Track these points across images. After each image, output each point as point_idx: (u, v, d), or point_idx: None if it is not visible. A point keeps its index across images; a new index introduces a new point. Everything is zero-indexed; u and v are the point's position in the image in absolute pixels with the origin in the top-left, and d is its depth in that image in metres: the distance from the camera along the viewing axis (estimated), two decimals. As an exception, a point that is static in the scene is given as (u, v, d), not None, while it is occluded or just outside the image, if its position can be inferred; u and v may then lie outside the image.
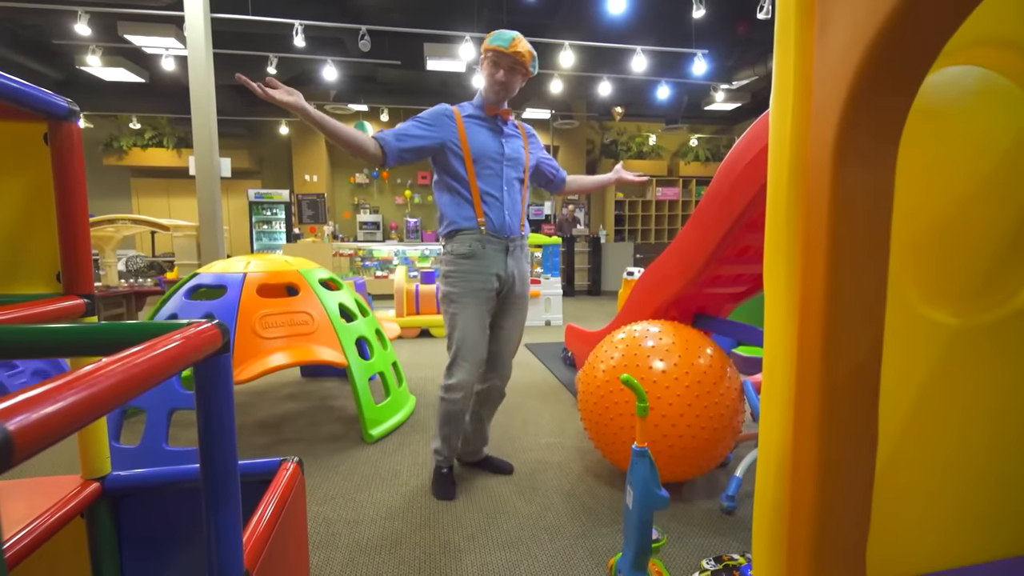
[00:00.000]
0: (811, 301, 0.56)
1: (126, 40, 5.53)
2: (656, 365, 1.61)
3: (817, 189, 0.52)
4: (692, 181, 9.85)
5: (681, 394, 1.56)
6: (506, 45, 1.58)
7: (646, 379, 1.59)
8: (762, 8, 4.31)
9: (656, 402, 1.56)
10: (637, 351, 1.68)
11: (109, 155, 8.72)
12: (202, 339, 0.66)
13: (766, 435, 0.66)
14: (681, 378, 1.58)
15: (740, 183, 1.53)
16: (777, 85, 0.57)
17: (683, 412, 1.55)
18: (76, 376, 0.44)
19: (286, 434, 2.38)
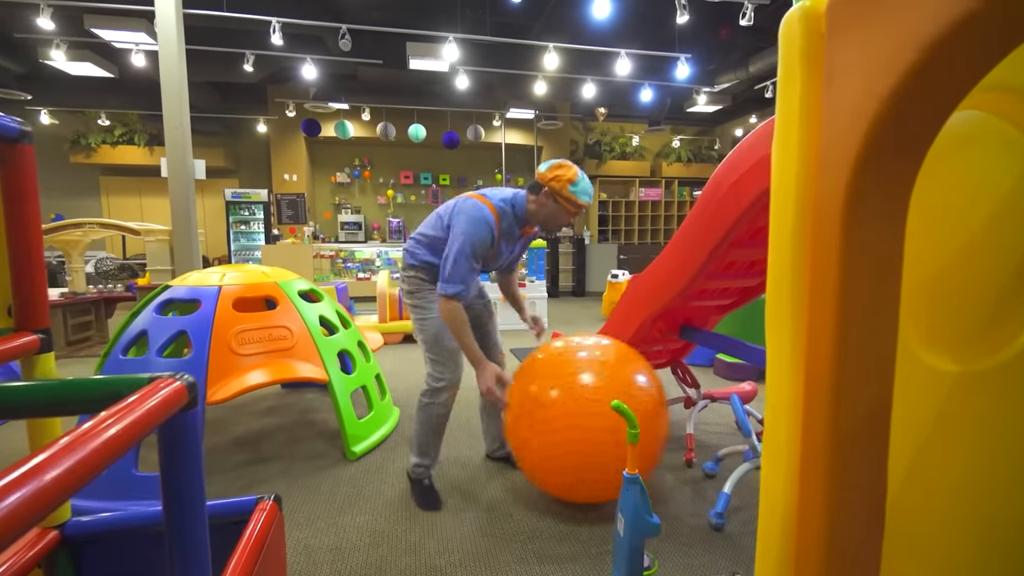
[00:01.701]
0: (819, 357, 0.53)
1: (93, 34, 5.31)
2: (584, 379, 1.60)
3: (824, 247, 0.49)
4: (674, 182, 9.92)
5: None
6: (590, 200, 1.67)
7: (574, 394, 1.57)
8: (744, 15, 4.33)
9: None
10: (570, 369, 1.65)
11: (76, 152, 8.39)
12: (166, 399, 0.61)
13: (770, 487, 0.64)
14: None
15: (727, 202, 1.52)
16: (780, 135, 0.54)
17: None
18: (21, 474, 0.39)
19: (264, 452, 2.30)
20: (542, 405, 1.59)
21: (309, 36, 5.79)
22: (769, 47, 5.88)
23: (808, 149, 0.50)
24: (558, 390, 1.58)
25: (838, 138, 0.47)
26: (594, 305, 7.31)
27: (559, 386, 1.59)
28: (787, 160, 0.53)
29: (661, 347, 2.37)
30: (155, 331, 2.00)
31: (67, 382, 0.65)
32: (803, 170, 0.51)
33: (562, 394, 1.57)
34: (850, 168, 0.46)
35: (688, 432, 2.18)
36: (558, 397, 1.57)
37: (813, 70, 0.49)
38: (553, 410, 1.56)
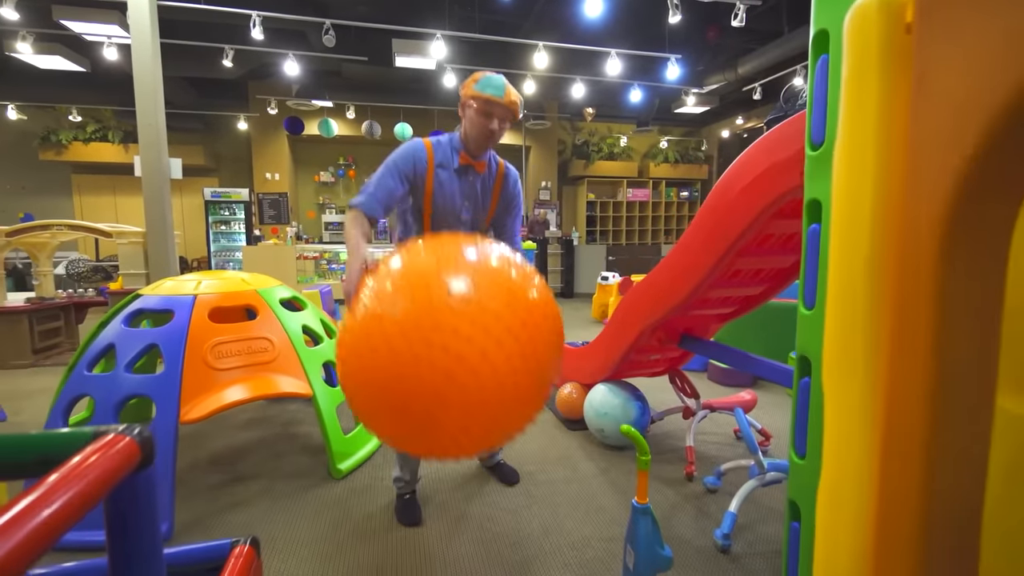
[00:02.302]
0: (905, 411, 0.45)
1: (63, 26, 5.07)
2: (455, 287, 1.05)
3: (912, 290, 0.41)
4: (662, 182, 9.93)
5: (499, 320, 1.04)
6: (500, 94, 1.48)
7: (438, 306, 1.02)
8: (736, 16, 4.29)
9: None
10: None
11: (46, 149, 8.06)
12: (114, 461, 0.50)
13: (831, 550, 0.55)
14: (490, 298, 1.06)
15: (735, 208, 1.44)
16: (848, 149, 0.46)
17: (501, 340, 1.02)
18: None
19: (243, 470, 2.17)
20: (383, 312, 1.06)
21: (291, 31, 5.62)
22: (758, 48, 5.87)
23: (889, 169, 0.42)
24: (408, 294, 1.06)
25: (933, 157, 0.39)
26: (583, 307, 7.25)
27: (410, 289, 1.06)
28: (859, 181, 0.45)
29: (659, 356, 2.30)
30: (124, 344, 1.86)
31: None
32: (883, 195, 0.43)
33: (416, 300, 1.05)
34: (950, 195, 0.38)
35: (688, 444, 2.12)
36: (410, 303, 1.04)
37: (896, 71, 0.41)
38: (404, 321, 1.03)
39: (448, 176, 1.60)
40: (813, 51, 1.07)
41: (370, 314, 1.06)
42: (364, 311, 1.08)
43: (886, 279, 0.44)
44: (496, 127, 1.52)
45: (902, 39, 0.41)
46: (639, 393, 2.32)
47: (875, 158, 0.43)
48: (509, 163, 1.70)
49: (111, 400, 1.74)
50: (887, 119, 0.42)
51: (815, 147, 1.09)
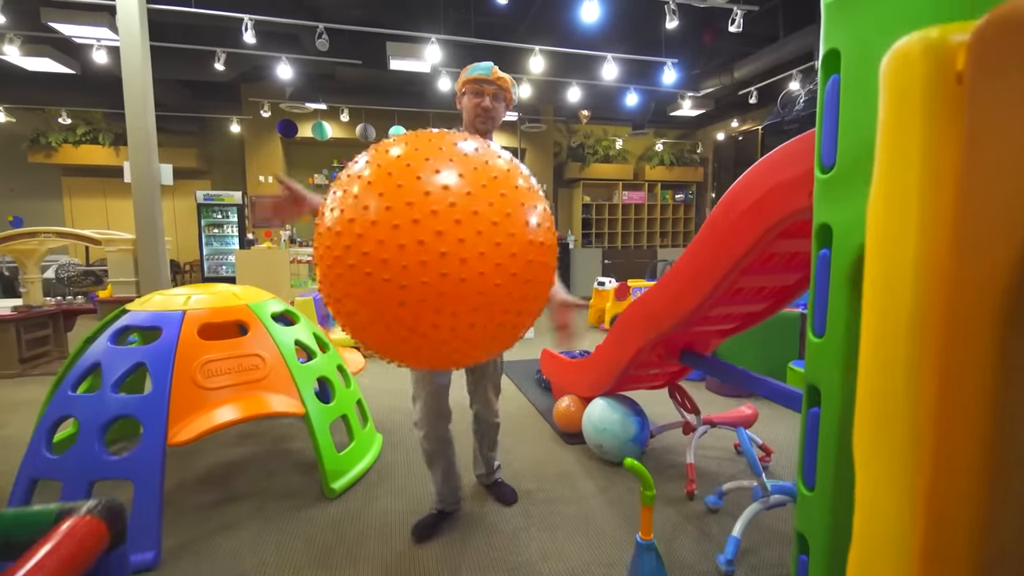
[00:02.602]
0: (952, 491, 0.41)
1: (51, 28, 4.98)
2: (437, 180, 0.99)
3: (964, 361, 0.38)
4: (657, 185, 9.91)
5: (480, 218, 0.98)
6: (487, 72, 1.51)
7: (421, 205, 0.96)
8: (733, 21, 4.27)
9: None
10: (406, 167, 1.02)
11: (35, 152, 7.95)
12: (79, 546, 0.45)
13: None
14: (477, 193, 1.00)
15: (740, 228, 1.41)
16: (886, 203, 0.42)
17: (483, 249, 0.98)
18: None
19: (235, 489, 2.12)
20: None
21: (284, 34, 5.55)
22: (754, 52, 5.86)
23: (935, 229, 0.38)
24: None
25: (989, 223, 0.35)
26: (580, 312, 7.21)
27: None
28: (900, 238, 0.41)
29: (658, 371, 2.27)
30: (110, 363, 1.81)
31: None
32: (928, 256, 0.39)
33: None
34: (1010, 266, 0.34)
35: (688, 461, 2.08)
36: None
37: (943, 125, 0.37)
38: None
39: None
40: (823, 71, 1.04)
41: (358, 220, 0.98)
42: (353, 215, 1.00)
43: (932, 344, 0.40)
44: (489, 104, 1.52)
45: (951, 89, 0.37)
46: (638, 408, 2.28)
47: (918, 220, 0.39)
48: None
49: (96, 421, 1.68)
50: (933, 176, 0.38)
51: (825, 170, 1.06)
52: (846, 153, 1.01)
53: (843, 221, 1.03)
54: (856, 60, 0.98)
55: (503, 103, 1.56)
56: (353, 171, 1.08)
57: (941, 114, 0.38)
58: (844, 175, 1.02)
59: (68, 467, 1.63)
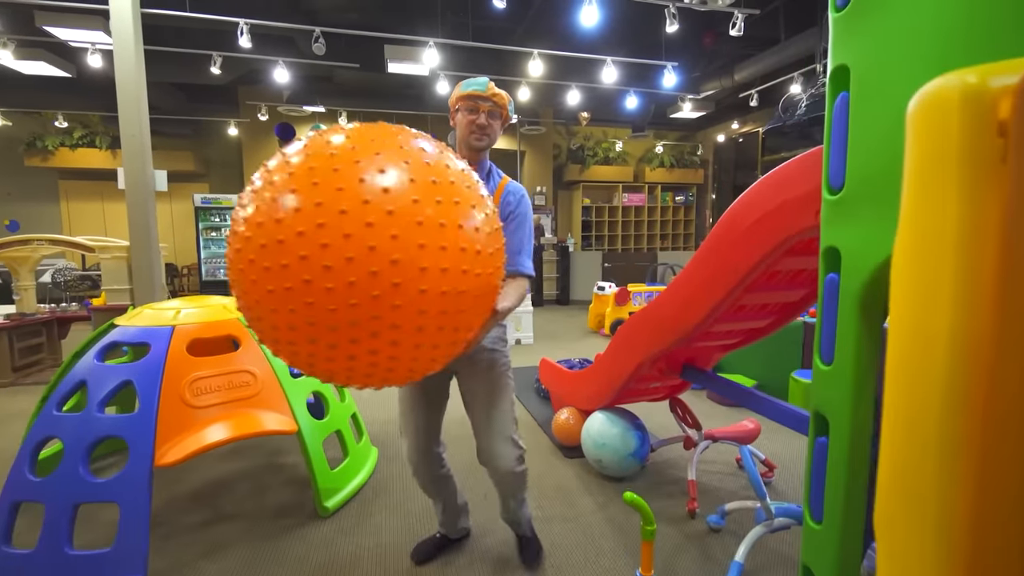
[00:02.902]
0: None
1: (47, 32, 4.94)
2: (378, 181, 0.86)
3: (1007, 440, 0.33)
4: (657, 187, 9.87)
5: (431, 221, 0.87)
6: (483, 88, 1.42)
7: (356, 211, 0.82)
8: (734, 25, 4.22)
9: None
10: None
11: (32, 155, 7.90)
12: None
13: None
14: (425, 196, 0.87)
15: (745, 244, 1.36)
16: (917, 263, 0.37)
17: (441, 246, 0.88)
18: None
19: (226, 507, 2.07)
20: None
21: (280, 37, 5.50)
22: (755, 55, 5.81)
23: (974, 301, 0.34)
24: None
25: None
26: (579, 314, 7.17)
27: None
28: (932, 308, 0.36)
29: (659, 384, 2.22)
30: (96, 381, 1.76)
31: None
32: (965, 331, 0.34)
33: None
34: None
35: (690, 478, 2.03)
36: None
37: (983, 184, 0.33)
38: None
39: None
40: (831, 88, 0.99)
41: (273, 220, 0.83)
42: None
43: (970, 428, 0.35)
44: (484, 121, 1.42)
45: (993, 143, 0.33)
46: (638, 422, 2.24)
47: (955, 288, 0.34)
48: (516, 182, 1.52)
49: (81, 443, 1.63)
50: (971, 241, 0.34)
51: (834, 191, 1.01)
52: (856, 174, 0.96)
53: (852, 244, 0.98)
54: (867, 77, 0.93)
55: (499, 120, 1.47)
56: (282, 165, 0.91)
57: (981, 170, 0.33)
58: (853, 197, 0.97)
59: (52, 490, 1.58)
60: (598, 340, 5.43)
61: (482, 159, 1.48)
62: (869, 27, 0.93)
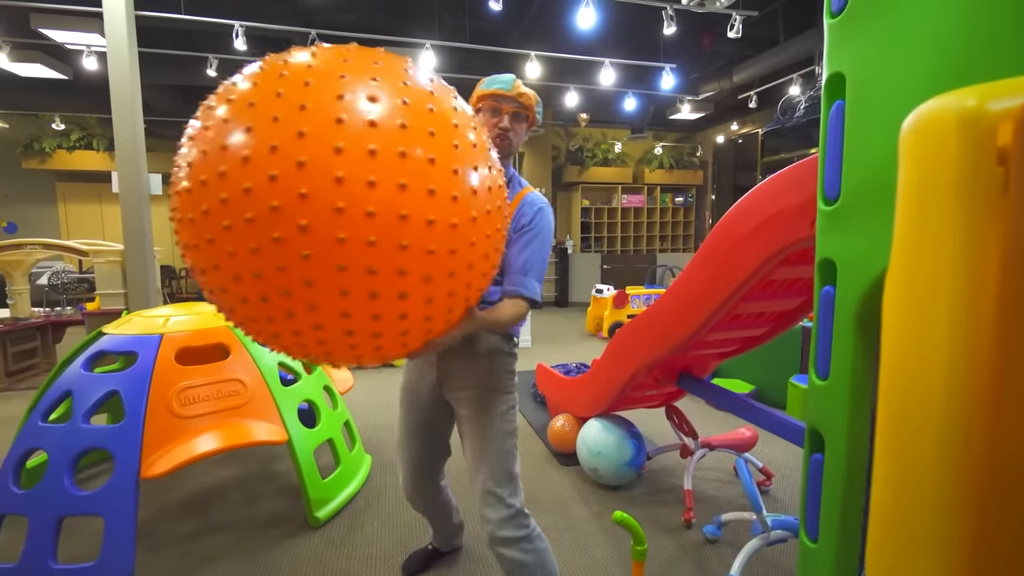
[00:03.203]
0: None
1: (42, 35, 4.92)
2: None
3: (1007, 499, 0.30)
4: (656, 188, 9.84)
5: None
6: (508, 87, 1.25)
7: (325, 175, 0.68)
8: (732, 27, 4.20)
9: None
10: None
11: (29, 157, 7.88)
12: None
13: None
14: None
15: (739, 254, 1.34)
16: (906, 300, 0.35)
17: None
18: None
19: (216, 518, 2.04)
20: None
21: (277, 39, 5.48)
22: (754, 56, 5.78)
23: (971, 344, 0.31)
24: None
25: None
26: (578, 317, 7.14)
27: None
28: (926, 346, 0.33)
29: (655, 391, 2.20)
30: (82, 391, 1.73)
31: None
32: (962, 377, 0.31)
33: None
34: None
35: (686, 487, 2.00)
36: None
37: (982, 218, 0.30)
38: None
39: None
40: (826, 96, 0.97)
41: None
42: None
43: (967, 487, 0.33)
44: (507, 124, 1.24)
45: (991, 172, 0.30)
46: (635, 430, 2.21)
47: (951, 332, 0.32)
48: (539, 194, 1.31)
49: (66, 454, 1.61)
50: (969, 279, 0.31)
51: (829, 202, 0.99)
52: (852, 185, 0.94)
53: (849, 257, 0.95)
54: (863, 85, 0.90)
55: (525, 123, 1.29)
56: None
57: (979, 203, 0.30)
58: (849, 208, 0.94)
59: (36, 502, 1.56)
60: (596, 343, 5.40)
61: (504, 165, 1.30)
62: (865, 34, 0.90)
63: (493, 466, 1.22)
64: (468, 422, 1.28)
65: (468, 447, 1.28)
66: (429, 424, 1.38)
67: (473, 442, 1.26)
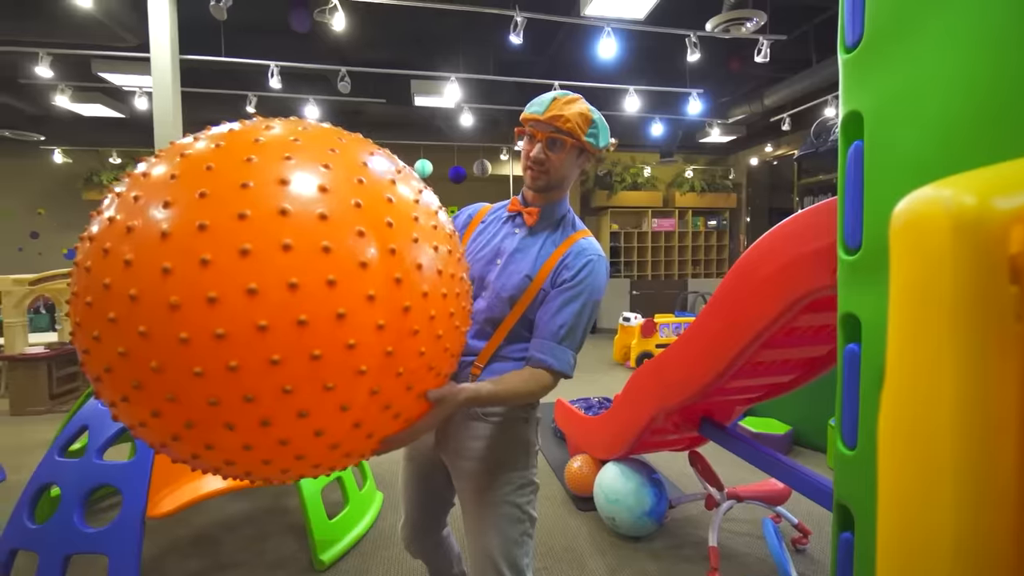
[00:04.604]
0: None
1: (102, 78, 5.33)
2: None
3: None
4: (688, 212, 9.64)
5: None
6: (542, 109, 1.06)
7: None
8: (760, 51, 4.10)
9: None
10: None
11: (89, 189, 8.46)
12: None
13: None
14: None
15: (760, 298, 1.24)
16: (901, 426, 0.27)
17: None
18: None
19: (225, 555, 2.02)
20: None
21: (312, 75, 5.73)
22: (785, 78, 5.64)
23: (982, 509, 0.23)
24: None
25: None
26: (605, 345, 6.97)
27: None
28: (928, 501, 0.26)
29: (676, 436, 2.07)
30: (96, 426, 1.76)
31: None
32: (974, 551, 0.24)
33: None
34: None
35: (711, 544, 1.85)
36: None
37: (991, 350, 0.23)
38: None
39: (491, 223, 1.18)
40: (843, 136, 0.89)
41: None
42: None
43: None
44: (539, 154, 1.06)
45: (1001, 291, 0.23)
46: (656, 476, 2.08)
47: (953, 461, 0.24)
48: (594, 243, 1.11)
49: (78, 490, 1.63)
50: (977, 428, 0.24)
51: (850, 251, 0.89)
52: (875, 234, 0.84)
53: (874, 313, 0.85)
54: (883, 125, 0.82)
55: (563, 152, 1.06)
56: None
57: (987, 331, 0.23)
58: (874, 259, 0.85)
59: (46, 539, 1.58)
60: (623, 373, 5.23)
61: (549, 203, 1.12)
62: (884, 68, 0.82)
63: (492, 558, 1.03)
64: (466, 499, 1.10)
65: (466, 527, 1.10)
66: (428, 479, 1.24)
67: (470, 526, 1.09)
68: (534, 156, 1.06)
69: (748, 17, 3.58)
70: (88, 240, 0.70)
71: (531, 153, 1.07)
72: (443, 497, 1.29)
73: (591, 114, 1.08)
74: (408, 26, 5.09)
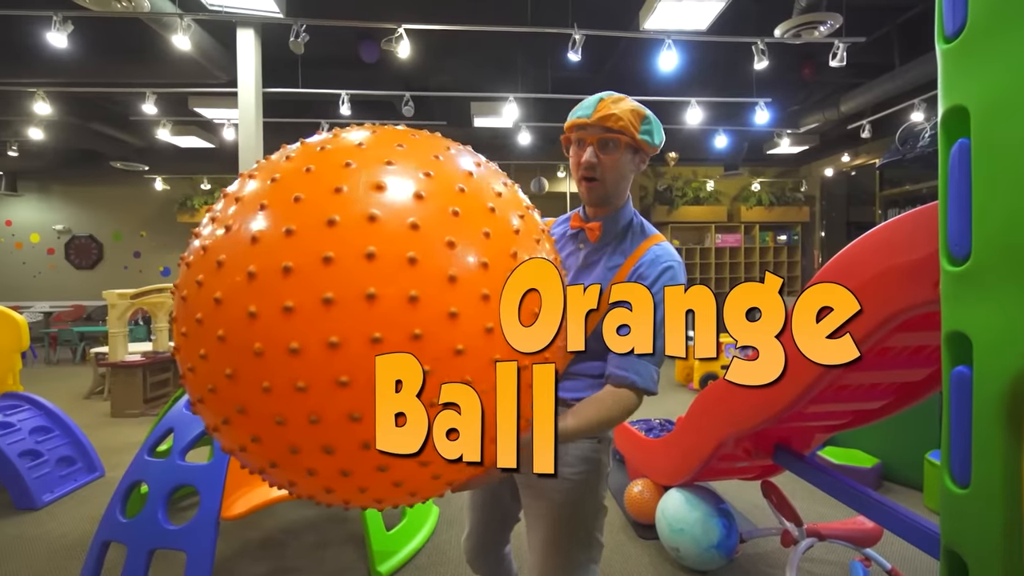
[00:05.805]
0: None
1: (196, 112, 5.92)
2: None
3: None
4: (755, 227, 9.18)
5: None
6: (588, 113, 1.00)
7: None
8: (835, 55, 3.87)
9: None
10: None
11: (183, 213, 9.35)
12: None
13: None
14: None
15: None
16: None
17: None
18: None
19: (289, 560, 2.10)
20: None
21: (380, 101, 6.06)
22: (864, 83, 5.27)
23: None
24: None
25: None
26: (667, 365, 6.70)
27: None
28: None
29: (747, 463, 1.92)
30: (181, 428, 1.90)
31: None
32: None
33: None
34: None
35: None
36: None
37: None
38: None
39: (562, 242, 1.15)
40: (944, 133, 0.80)
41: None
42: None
43: None
44: (591, 158, 1.00)
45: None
46: (724, 506, 1.94)
47: None
48: (670, 248, 1.05)
49: (163, 489, 1.75)
50: None
51: (956, 261, 0.79)
52: (986, 240, 0.75)
53: (988, 332, 0.75)
54: (993, 119, 0.73)
55: (617, 153, 1.00)
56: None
57: None
58: (986, 269, 0.75)
59: (134, 533, 1.70)
60: (686, 395, 4.99)
61: (609, 213, 1.07)
62: (992, 57, 0.73)
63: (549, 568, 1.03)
64: (534, 516, 1.07)
65: (530, 543, 1.08)
66: (497, 494, 1.23)
67: (535, 543, 1.06)
68: (586, 161, 1.01)
69: (822, 20, 3.38)
70: (202, 250, 0.76)
71: (582, 159, 1.02)
72: (510, 512, 1.27)
73: (643, 110, 1.02)
74: (467, 50, 5.27)
